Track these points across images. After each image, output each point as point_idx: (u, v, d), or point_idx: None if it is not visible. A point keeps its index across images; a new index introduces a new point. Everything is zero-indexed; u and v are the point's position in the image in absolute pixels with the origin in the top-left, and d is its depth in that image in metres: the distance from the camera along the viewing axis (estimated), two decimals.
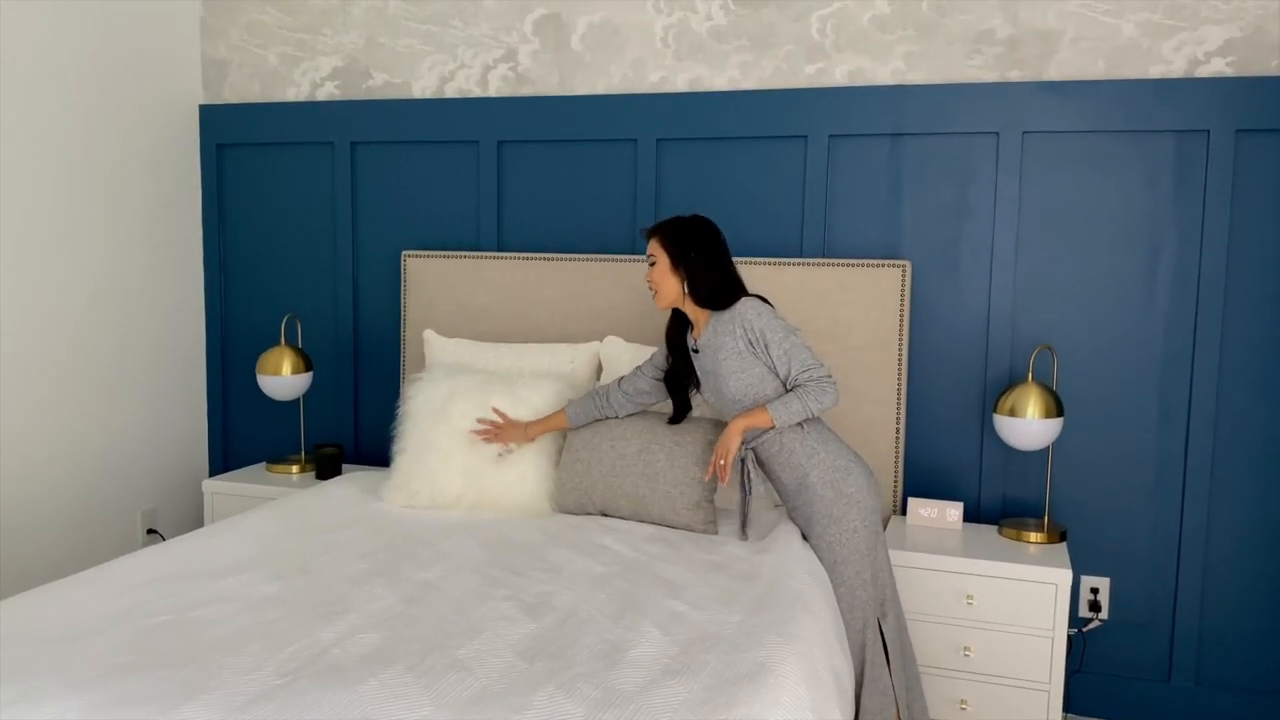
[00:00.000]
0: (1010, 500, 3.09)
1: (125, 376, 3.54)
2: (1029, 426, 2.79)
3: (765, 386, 2.52)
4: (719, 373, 2.54)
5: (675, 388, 2.72)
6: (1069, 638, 2.85)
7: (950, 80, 3.04)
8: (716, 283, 2.55)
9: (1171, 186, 2.89)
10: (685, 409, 2.74)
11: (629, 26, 3.31)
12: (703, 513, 2.66)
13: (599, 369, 3.10)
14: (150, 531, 3.65)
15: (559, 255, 3.32)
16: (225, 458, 3.92)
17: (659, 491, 2.67)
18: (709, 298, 2.56)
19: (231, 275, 3.86)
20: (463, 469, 2.84)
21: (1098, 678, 3.04)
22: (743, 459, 2.58)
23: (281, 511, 2.74)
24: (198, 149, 3.81)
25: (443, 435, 2.86)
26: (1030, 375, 2.85)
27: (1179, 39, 2.86)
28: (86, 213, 3.36)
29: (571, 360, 3.09)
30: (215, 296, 3.87)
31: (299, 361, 3.48)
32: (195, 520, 3.82)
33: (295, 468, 3.51)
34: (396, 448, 2.96)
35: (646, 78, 3.31)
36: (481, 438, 2.84)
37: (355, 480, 3.11)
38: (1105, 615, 3.02)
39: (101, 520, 3.47)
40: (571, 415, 2.82)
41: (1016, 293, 3.03)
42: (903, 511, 3.06)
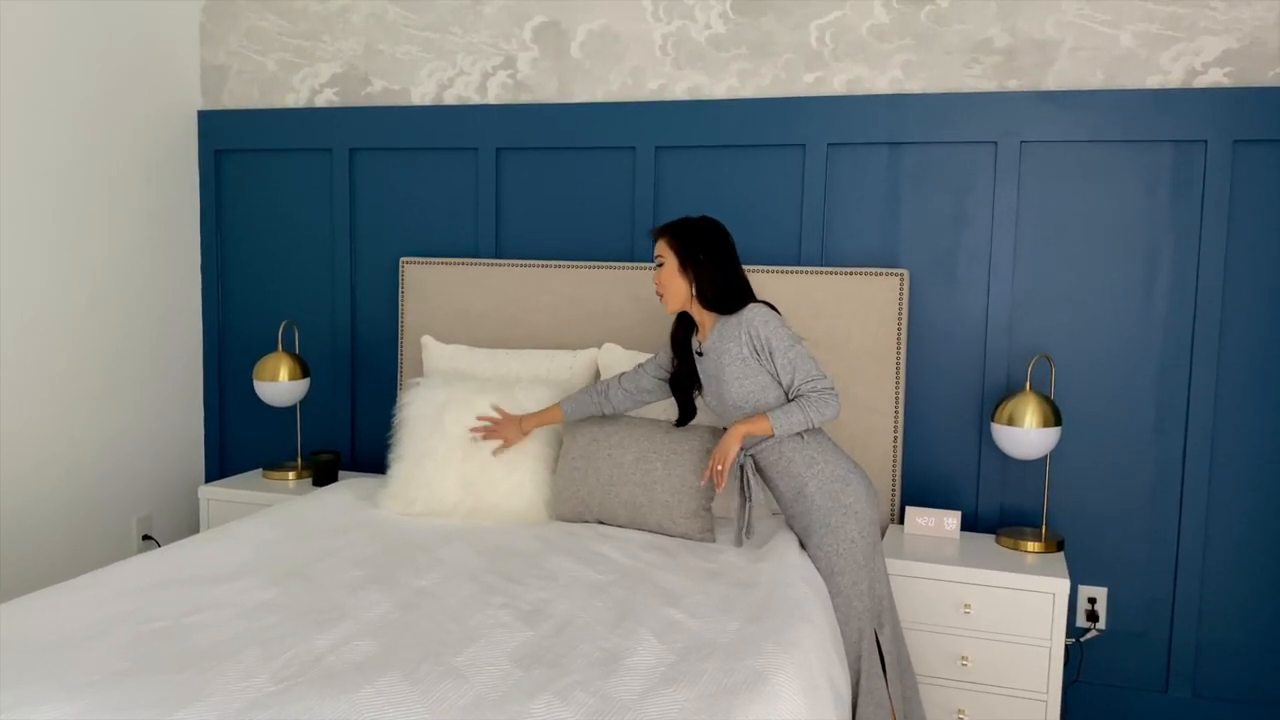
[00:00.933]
0: (1008, 509, 3.08)
1: (122, 382, 3.54)
2: (1027, 436, 2.79)
3: (767, 394, 2.51)
4: (722, 378, 2.54)
5: (679, 390, 2.72)
6: (1066, 648, 2.85)
7: (948, 89, 3.05)
8: (725, 286, 2.54)
9: (1169, 196, 2.90)
10: (690, 412, 2.74)
11: (628, 34, 3.31)
12: (700, 521, 2.65)
13: (596, 375, 3.10)
14: (146, 538, 3.63)
15: (557, 262, 3.32)
16: (221, 464, 3.91)
17: (656, 500, 2.66)
18: (716, 301, 2.54)
19: (229, 281, 3.86)
20: (460, 476, 2.83)
21: (1095, 688, 3.03)
22: (742, 465, 2.57)
23: (278, 518, 2.73)
24: (196, 155, 3.81)
25: (440, 442, 2.86)
26: (1028, 384, 2.86)
27: (1177, 49, 2.87)
28: (85, 217, 3.35)
29: (570, 366, 3.09)
30: (213, 302, 3.86)
31: (296, 368, 3.47)
32: (191, 527, 3.81)
33: (292, 474, 3.50)
34: (393, 454, 2.96)
35: (645, 85, 3.31)
36: (479, 435, 2.83)
37: (352, 487, 3.10)
38: (1103, 625, 3.02)
39: (97, 526, 3.46)
40: (567, 410, 2.81)
41: (1014, 302, 3.03)
42: (900, 520, 3.05)
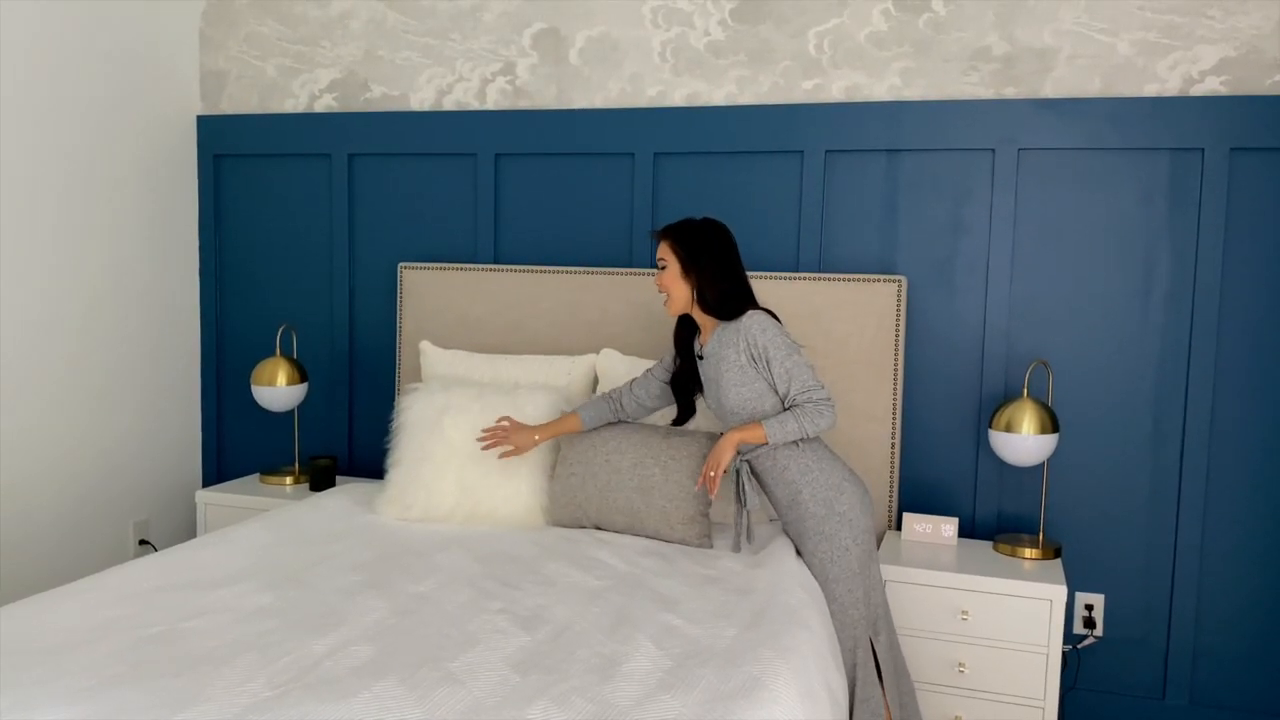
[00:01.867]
0: (1005, 516, 3.08)
1: (120, 386, 3.54)
2: (1024, 442, 2.79)
3: (764, 402, 2.51)
4: (720, 382, 2.54)
5: (680, 390, 2.72)
6: (1063, 654, 2.85)
7: (946, 97, 3.06)
8: (726, 292, 2.53)
9: (1166, 204, 2.91)
10: (690, 412, 2.74)
11: (627, 41, 3.32)
12: (697, 527, 2.65)
13: (595, 381, 3.10)
14: (143, 542, 3.63)
15: (556, 267, 3.33)
16: (219, 468, 3.90)
17: (654, 505, 2.66)
18: (717, 307, 2.54)
19: (228, 285, 3.86)
20: (457, 482, 2.83)
21: (1092, 695, 3.03)
22: (738, 470, 2.57)
23: (275, 523, 2.73)
24: (195, 160, 3.82)
25: (437, 447, 2.86)
26: (1025, 391, 2.86)
27: (1174, 58, 2.88)
28: (84, 222, 3.35)
29: (568, 372, 3.09)
30: (211, 306, 3.86)
31: (294, 372, 3.47)
32: (188, 531, 3.80)
33: (289, 479, 3.50)
34: (391, 460, 2.95)
35: (644, 92, 3.32)
36: (488, 443, 2.75)
37: (349, 492, 3.10)
38: (1100, 632, 3.02)
39: (94, 531, 3.45)
40: (586, 418, 2.78)
41: (1012, 308, 3.04)
42: (897, 527, 3.05)
